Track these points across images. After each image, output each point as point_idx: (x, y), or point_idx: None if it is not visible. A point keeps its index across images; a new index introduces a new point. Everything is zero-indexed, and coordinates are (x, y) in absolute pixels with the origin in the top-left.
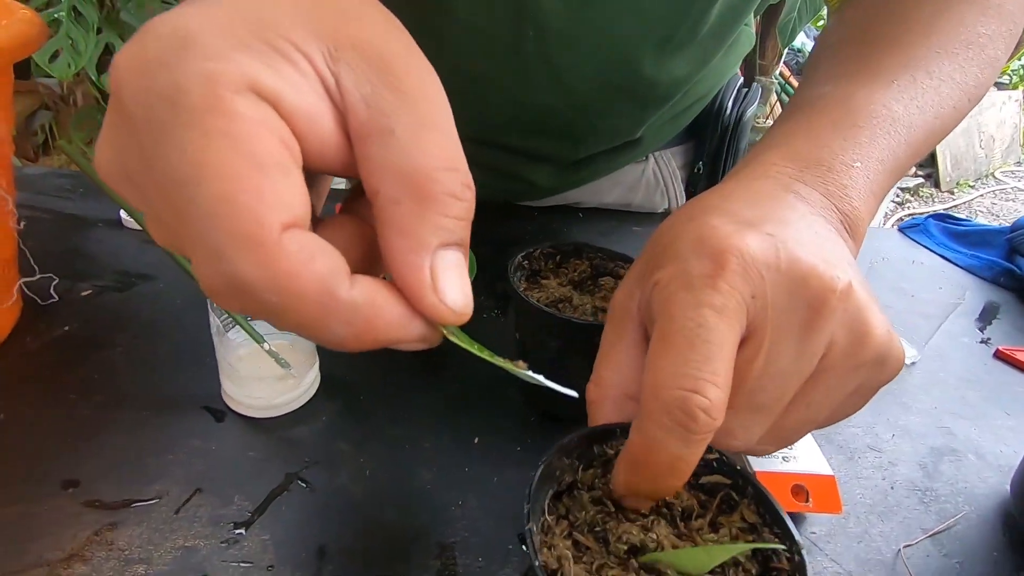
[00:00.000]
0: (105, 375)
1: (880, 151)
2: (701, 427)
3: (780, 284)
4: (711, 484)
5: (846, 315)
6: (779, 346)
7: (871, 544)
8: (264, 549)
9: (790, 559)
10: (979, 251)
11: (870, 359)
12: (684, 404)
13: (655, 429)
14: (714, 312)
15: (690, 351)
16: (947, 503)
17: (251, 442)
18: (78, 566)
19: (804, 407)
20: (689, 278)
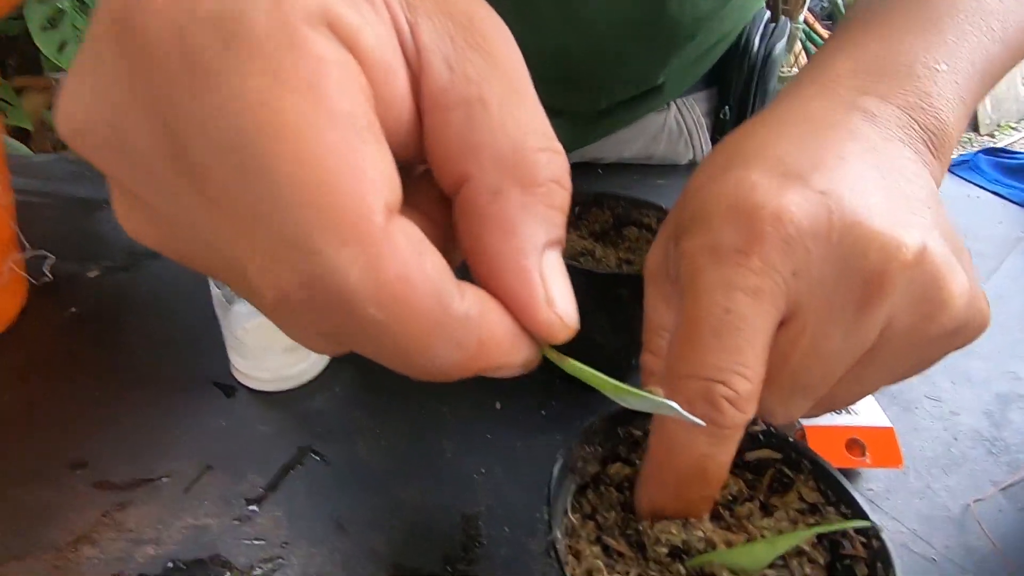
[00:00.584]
0: (113, 355)
1: (970, 50)
2: (728, 420)
3: (830, 258)
4: (758, 461)
5: (912, 287)
6: (826, 328)
7: (935, 500)
8: (278, 525)
9: (865, 544)
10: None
11: (941, 334)
12: (709, 394)
13: (677, 425)
14: (746, 296)
15: (717, 340)
16: (1018, 453)
17: (262, 416)
18: (86, 548)
19: (856, 382)
20: (719, 251)
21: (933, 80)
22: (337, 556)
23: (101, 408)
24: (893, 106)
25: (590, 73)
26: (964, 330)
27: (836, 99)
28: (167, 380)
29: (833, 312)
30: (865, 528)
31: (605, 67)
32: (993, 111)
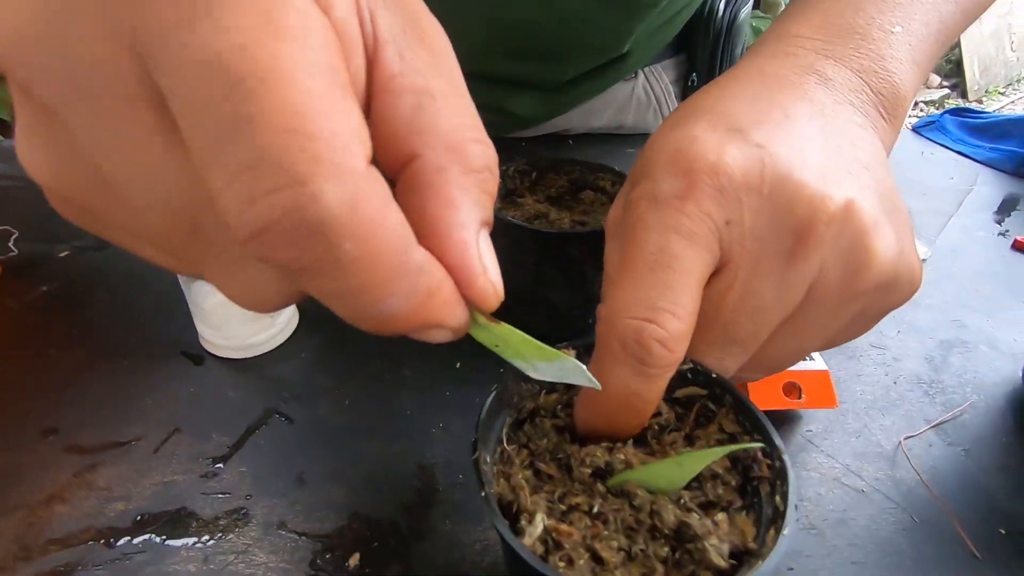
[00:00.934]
0: (85, 330)
1: (924, 12)
2: (656, 361)
3: (761, 209)
4: (687, 397)
5: (840, 241)
6: (757, 278)
7: (870, 438)
8: (242, 480)
9: (770, 465)
10: (1000, 143)
11: (868, 289)
12: (639, 335)
13: (609, 361)
14: (680, 238)
15: (650, 278)
16: (954, 394)
17: (231, 382)
18: (58, 506)
19: (791, 338)
20: (658, 198)
21: (887, 43)
22: (298, 507)
23: (71, 379)
24: (848, 70)
25: (555, 43)
26: (893, 288)
27: (793, 61)
28: (137, 351)
29: (764, 262)
30: (772, 452)
31: (570, 36)
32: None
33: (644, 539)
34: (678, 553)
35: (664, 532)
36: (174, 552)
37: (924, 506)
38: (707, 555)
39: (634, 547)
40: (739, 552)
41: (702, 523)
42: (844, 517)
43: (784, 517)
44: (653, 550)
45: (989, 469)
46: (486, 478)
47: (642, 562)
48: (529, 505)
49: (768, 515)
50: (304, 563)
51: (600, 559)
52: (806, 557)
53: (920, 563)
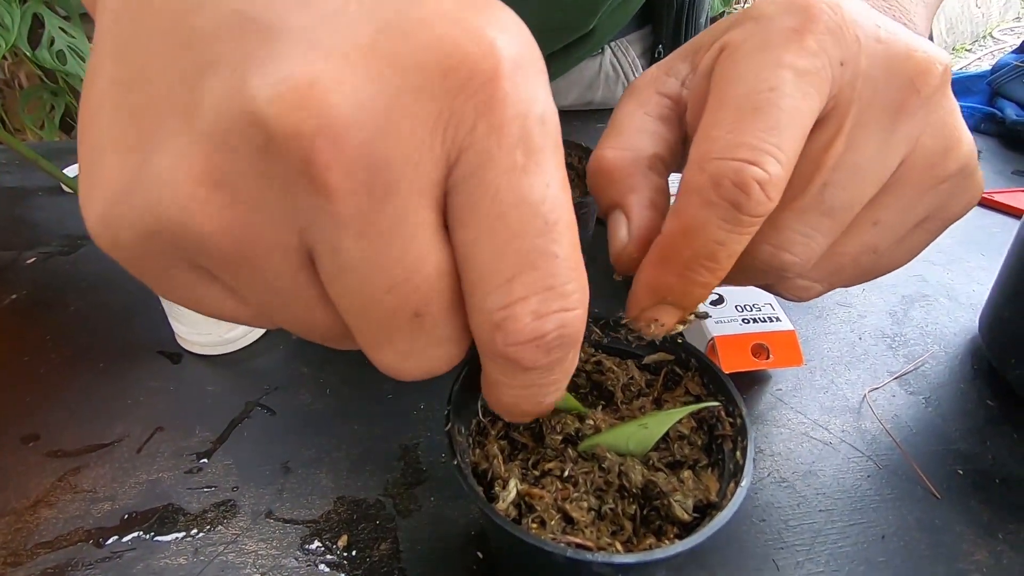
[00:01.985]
0: (59, 334)
1: None
2: (754, 206)
3: (877, 54)
4: (655, 363)
5: (939, 114)
6: (864, 130)
7: (837, 392)
8: (228, 473)
9: (732, 423)
10: (961, 100)
11: (954, 172)
12: (739, 176)
13: (698, 206)
14: (794, 74)
15: (755, 117)
16: (916, 346)
17: (210, 378)
18: (44, 510)
19: (871, 225)
20: (768, 35)
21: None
22: (285, 494)
23: (49, 384)
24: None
25: None
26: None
27: None
28: (113, 353)
29: (873, 111)
30: (734, 411)
31: (537, 18)
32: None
33: (613, 499)
34: (645, 510)
35: (632, 491)
36: (164, 547)
37: (887, 453)
38: (672, 510)
39: (604, 507)
40: (704, 506)
41: (667, 481)
42: (812, 469)
43: (743, 471)
44: (622, 508)
45: (947, 415)
46: (459, 448)
47: (611, 520)
48: (503, 472)
49: (730, 470)
50: (294, 548)
51: (571, 519)
52: (777, 508)
53: (884, 506)
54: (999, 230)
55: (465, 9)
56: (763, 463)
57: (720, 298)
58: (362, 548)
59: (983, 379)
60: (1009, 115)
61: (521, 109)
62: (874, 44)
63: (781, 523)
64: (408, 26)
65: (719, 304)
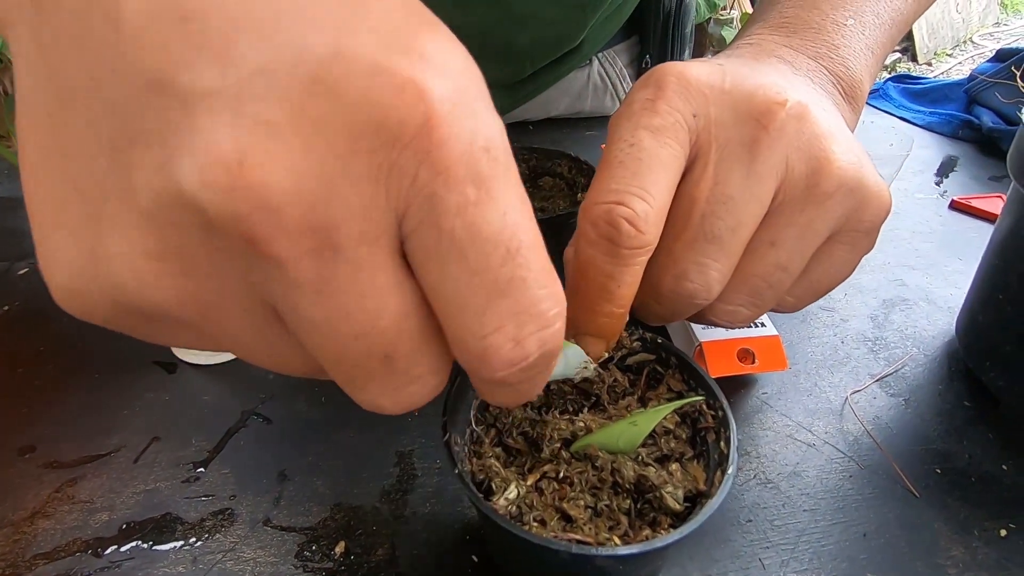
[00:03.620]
0: (53, 346)
1: (875, 4)
2: (625, 239)
3: (724, 101)
4: (638, 363)
5: (800, 138)
6: (726, 165)
7: (820, 395)
8: (225, 482)
9: (714, 416)
10: (939, 107)
11: (832, 189)
12: (609, 215)
13: (584, 245)
14: (648, 132)
15: (620, 168)
16: (896, 348)
17: (205, 388)
18: (42, 522)
19: (769, 247)
20: (631, 107)
21: (841, 34)
22: (282, 502)
23: (44, 396)
24: (805, 56)
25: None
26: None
27: (757, 48)
28: (108, 364)
29: (731, 148)
30: (715, 404)
31: (527, 35)
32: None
33: (608, 495)
34: (639, 504)
35: (625, 487)
36: (163, 556)
37: (868, 454)
38: (665, 502)
39: (599, 503)
40: (693, 495)
41: (658, 474)
42: (797, 470)
43: (728, 460)
44: (616, 504)
45: (926, 415)
46: (458, 457)
47: (608, 516)
48: (503, 478)
49: (715, 459)
50: (291, 555)
51: (570, 518)
52: (763, 508)
53: (865, 505)
54: (975, 235)
55: (390, 53)
56: (749, 465)
57: None
58: (359, 554)
59: (960, 381)
60: (986, 122)
61: (462, 146)
62: (719, 94)
63: (767, 523)
64: (331, 83)
65: None
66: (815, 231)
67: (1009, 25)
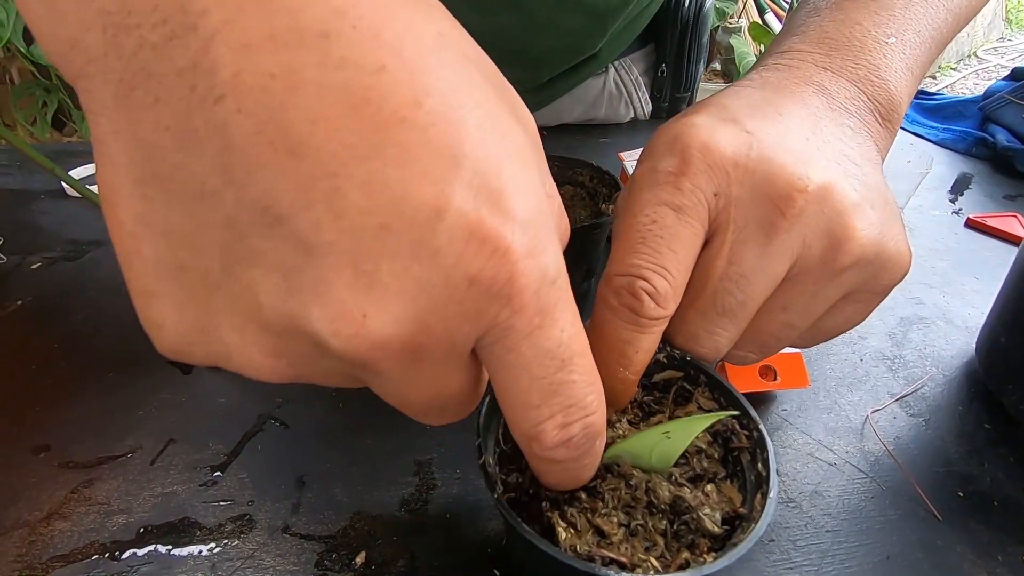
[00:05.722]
0: (66, 343)
1: (916, 22)
2: (647, 311)
3: (745, 182)
4: (664, 381)
5: (820, 218)
6: (742, 245)
7: (840, 413)
8: (243, 486)
9: (748, 436)
10: (953, 124)
11: (848, 264)
12: (631, 287)
13: (605, 311)
14: (671, 211)
15: (643, 244)
16: (915, 368)
17: (221, 390)
18: (59, 523)
19: (780, 311)
20: (655, 176)
21: (882, 54)
22: (301, 509)
23: (58, 394)
24: (845, 80)
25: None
26: (879, 267)
27: (794, 73)
28: (122, 363)
29: (748, 231)
30: (749, 424)
31: (545, 41)
32: None
33: (642, 515)
34: (676, 525)
35: (661, 507)
36: (181, 561)
37: (889, 474)
38: (703, 524)
39: (633, 522)
40: (730, 517)
41: (694, 495)
42: (819, 489)
43: (768, 481)
44: (652, 524)
45: (947, 437)
46: (493, 479)
47: (643, 536)
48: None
49: (752, 481)
50: (311, 564)
51: (603, 533)
52: (785, 528)
53: (887, 527)
54: (991, 254)
55: (480, 210)
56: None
57: None
58: (380, 564)
59: (980, 402)
60: (1000, 140)
61: (535, 286)
62: (743, 174)
63: (789, 543)
64: (434, 247)
65: None
66: (827, 298)
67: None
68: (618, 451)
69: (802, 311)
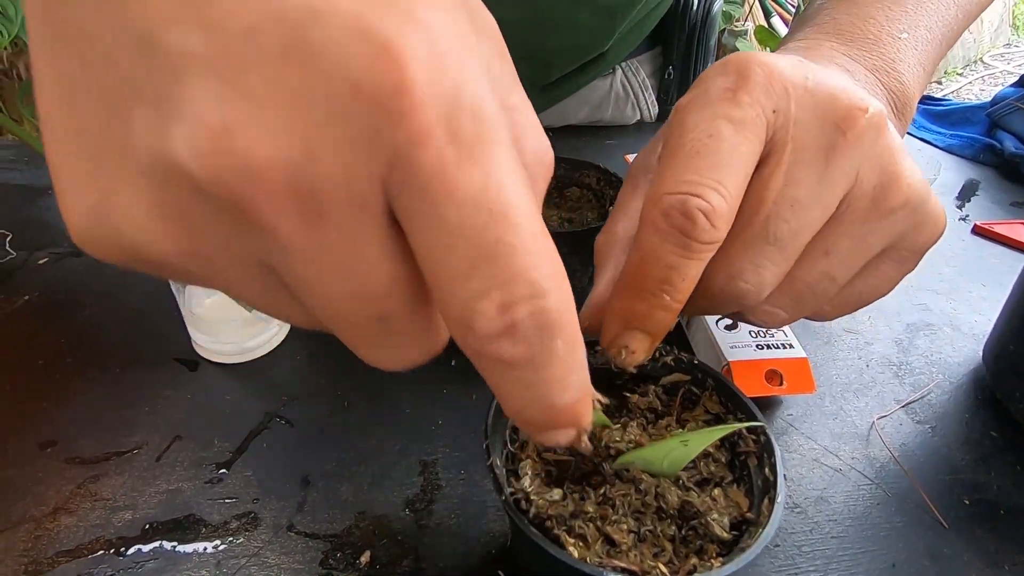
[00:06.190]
0: (73, 338)
1: (928, 18)
2: (700, 233)
3: (806, 101)
4: (671, 384)
5: (875, 148)
6: (800, 167)
7: (846, 419)
8: (248, 484)
9: (756, 440)
10: (960, 129)
11: (897, 206)
12: (683, 206)
13: (652, 235)
14: (729, 124)
15: (697, 159)
16: (921, 374)
17: (227, 387)
18: (64, 518)
19: (823, 255)
20: (708, 95)
21: (896, 48)
22: (306, 508)
23: (64, 389)
24: (863, 68)
25: (541, 45)
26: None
27: (816, 52)
28: (128, 359)
29: (806, 151)
30: (755, 428)
31: (555, 38)
32: None
33: (652, 520)
34: (684, 531)
35: (670, 512)
36: (186, 558)
37: (895, 481)
38: (711, 529)
39: (642, 528)
40: (737, 522)
41: (703, 500)
42: (824, 495)
43: (775, 487)
44: (661, 530)
45: (953, 444)
46: (501, 481)
47: (652, 542)
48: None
49: (759, 486)
50: (315, 563)
51: (613, 541)
52: (791, 534)
53: (894, 534)
54: (998, 261)
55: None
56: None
57: (734, 323)
58: (385, 564)
59: (987, 410)
60: (1008, 147)
61: (441, 107)
62: (803, 93)
63: (795, 548)
64: (307, 50)
65: (733, 328)
66: (870, 245)
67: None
68: (633, 458)
69: (844, 257)
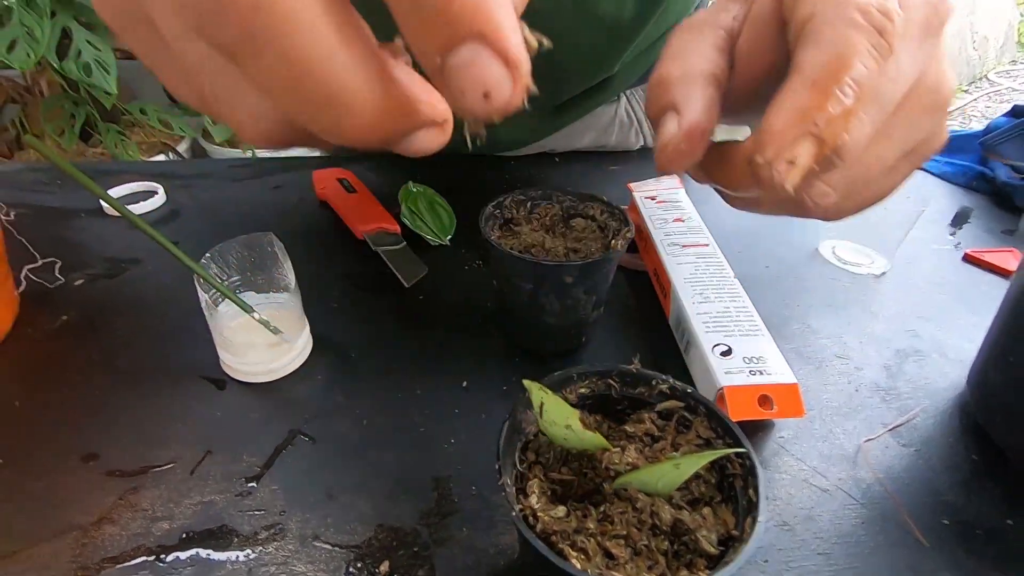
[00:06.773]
0: (108, 357)
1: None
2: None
3: None
4: (667, 410)
5: (940, 47)
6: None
7: (834, 442)
8: (275, 497)
9: (742, 464)
10: (953, 157)
11: (943, 103)
12: (882, 5)
13: (849, 29)
14: None
15: None
16: (908, 399)
17: (253, 405)
18: (108, 527)
19: (884, 137)
20: None
21: None
22: (329, 519)
23: (102, 406)
24: None
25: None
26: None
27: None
28: (160, 378)
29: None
30: (742, 453)
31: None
32: None
33: (647, 536)
34: (676, 546)
35: (663, 529)
36: (220, 565)
37: (880, 502)
38: (700, 544)
39: (639, 543)
40: (724, 539)
41: (693, 518)
42: (811, 514)
43: (758, 507)
44: (655, 545)
45: (936, 467)
46: (511, 499)
47: (647, 556)
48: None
49: (744, 506)
50: (340, 572)
51: (612, 555)
52: (779, 551)
53: (876, 552)
54: (988, 288)
55: None
56: (767, 507)
57: (729, 349)
58: (402, 574)
59: (969, 434)
60: (1000, 175)
61: None
62: None
63: (782, 564)
64: None
65: (728, 355)
66: (915, 137)
67: None
68: (630, 479)
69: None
